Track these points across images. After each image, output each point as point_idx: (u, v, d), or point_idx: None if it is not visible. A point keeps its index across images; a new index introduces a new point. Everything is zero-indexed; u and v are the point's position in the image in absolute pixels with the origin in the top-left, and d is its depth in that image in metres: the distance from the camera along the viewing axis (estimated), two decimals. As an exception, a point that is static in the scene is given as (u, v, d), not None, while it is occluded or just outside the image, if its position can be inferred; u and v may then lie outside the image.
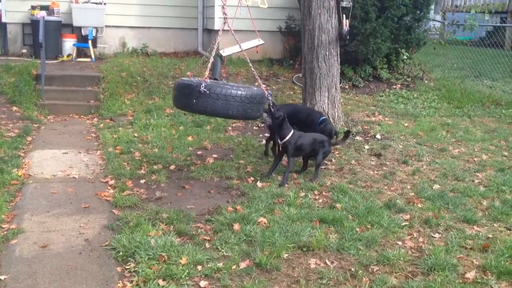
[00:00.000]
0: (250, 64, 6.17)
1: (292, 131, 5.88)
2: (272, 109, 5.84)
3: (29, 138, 7.33)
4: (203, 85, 5.30)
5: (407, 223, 4.94)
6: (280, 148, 6.03)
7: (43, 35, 9.30)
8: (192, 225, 4.74)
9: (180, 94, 5.56)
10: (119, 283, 3.76)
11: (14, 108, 8.59)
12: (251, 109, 5.53)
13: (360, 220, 4.91)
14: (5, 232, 4.47)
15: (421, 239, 4.63)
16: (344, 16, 7.55)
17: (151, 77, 10.16)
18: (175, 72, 10.47)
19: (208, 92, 5.28)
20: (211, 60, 5.90)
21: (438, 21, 14.33)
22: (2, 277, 3.78)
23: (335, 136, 6.56)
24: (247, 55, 6.28)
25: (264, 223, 4.80)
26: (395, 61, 11.22)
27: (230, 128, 8.22)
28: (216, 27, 11.64)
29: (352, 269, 4.06)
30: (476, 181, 6.20)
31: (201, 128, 8.04)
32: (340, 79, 8.67)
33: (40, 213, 4.91)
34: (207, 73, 5.62)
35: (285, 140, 5.86)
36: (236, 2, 8.03)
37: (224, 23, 5.95)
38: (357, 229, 4.73)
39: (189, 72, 7.30)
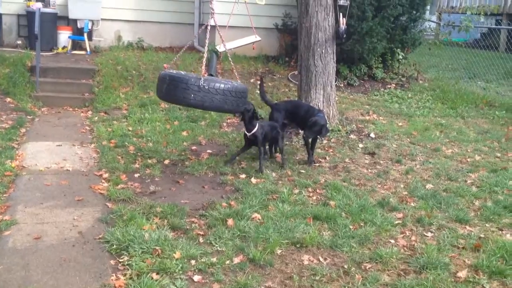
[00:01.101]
0: (230, 59, 6.35)
1: (257, 123, 6.12)
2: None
3: (23, 130, 7.30)
4: (202, 80, 5.33)
5: (400, 222, 4.96)
6: (248, 139, 6.21)
7: (38, 27, 9.23)
8: (186, 219, 4.74)
9: (174, 88, 5.54)
10: (113, 276, 3.75)
11: (8, 99, 8.54)
12: (242, 103, 5.81)
13: (353, 217, 4.94)
14: (-2, 223, 4.45)
15: (413, 238, 4.66)
16: (341, 14, 7.57)
17: (146, 71, 10.14)
18: (171, 66, 10.42)
19: (207, 87, 5.31)
20: (205, 55, 5.93)
21: (434, 22, 14.40)
22: (-5, 268, 3.78)
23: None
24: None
25: (258, 219, 4.81)
26: (390, 60, 11.25)
27: (225, 124, 8.23)
28: (212, 23, 11.60)
29: (345, 266, 4.08)
30: (469, 181, 6.24)
31: (196, 124, 8.04)
32: (336, 78, 8.68)
33: (33, 205, 4.89)
34: (203, 68, 5.65)
35: (253, 132, 6.06)
36: (233, -1, 8.10)
37: (211, 18, 5.98)
38: (351, 227, 4.75)
39: (166, 64, 7.24)
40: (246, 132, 6.14)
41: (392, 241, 4.58)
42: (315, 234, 4.52)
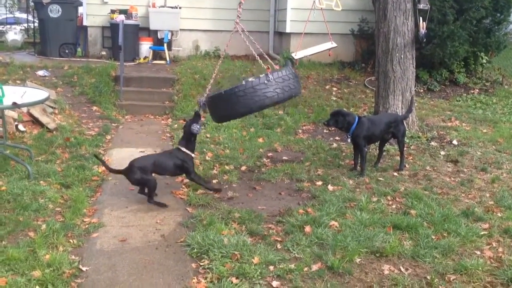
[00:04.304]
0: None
1: None
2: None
3: (108, 137, 7.66)
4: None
5: (486, 232, 4.74)
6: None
7: (122, 38, 9.69)
8: (263, 225, 4.77)
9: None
10: (194, 279, 3.85)
11: (94, 107, 9.01)
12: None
13: (436, 227, 4.77)
14: (87, 226, 4.68)
15: (500, 249, 4.43)
16: (421, 18, 7.37)
17: (223, 79, 10.32)
18: (246, 75, 10.58)
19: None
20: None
21: (520, 24, 13.65)
22: (84, 269, 3.97)
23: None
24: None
25: (336, 226, 4.76)
26: (473, 64, 10.82)
27: (300, 130, 8.22)
28: (287, 30, 11.68)
29: (428, 277, 3.95)
30: (562, 191, 5.86)
31: (272, 130, 8.09)
32: (415, 83, 8.45)
33: (119, 209, 5.12)
34: None
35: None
36: (309, 5, 8.09)
37: (236, 23, 5.95)
38: (433, 237, 4.59)
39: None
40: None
41: (478, 252, 4.38)
42: (396, 243, 4.40)
